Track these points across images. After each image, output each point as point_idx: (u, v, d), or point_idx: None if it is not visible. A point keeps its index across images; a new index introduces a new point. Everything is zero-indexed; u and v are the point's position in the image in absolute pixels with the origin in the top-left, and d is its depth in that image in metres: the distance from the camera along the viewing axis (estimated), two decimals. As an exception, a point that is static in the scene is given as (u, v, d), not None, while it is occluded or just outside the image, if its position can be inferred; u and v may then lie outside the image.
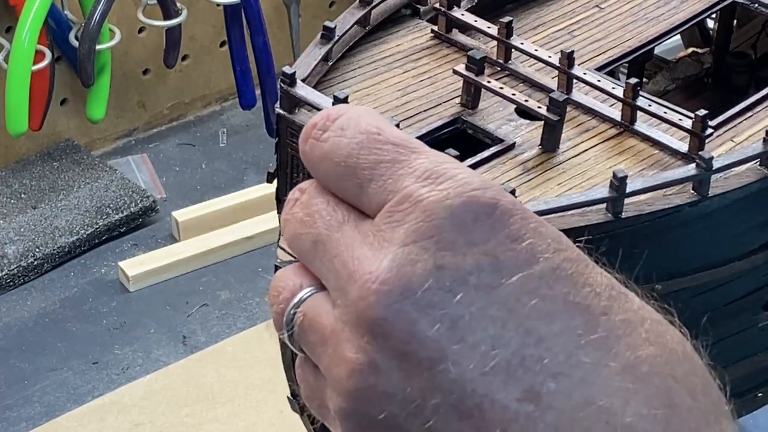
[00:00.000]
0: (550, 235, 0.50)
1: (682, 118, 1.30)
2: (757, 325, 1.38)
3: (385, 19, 1.45)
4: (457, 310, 0.48)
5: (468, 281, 0.48)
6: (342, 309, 0.50)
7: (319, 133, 0.52)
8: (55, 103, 2.09)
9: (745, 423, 1.63)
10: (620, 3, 1.56)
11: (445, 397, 0.48)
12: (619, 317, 0.49)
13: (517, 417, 0.47)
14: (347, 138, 0.52)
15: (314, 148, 0.52)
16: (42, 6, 1.86)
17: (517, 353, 0.47)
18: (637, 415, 0.47)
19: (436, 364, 0.48)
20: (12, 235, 1.95)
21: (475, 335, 0.48)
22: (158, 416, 1.72)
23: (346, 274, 0.50)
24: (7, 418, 1.72)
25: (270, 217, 1.97)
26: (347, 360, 0.49)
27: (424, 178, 0.50)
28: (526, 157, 1.28)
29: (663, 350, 0.49)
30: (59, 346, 1.83)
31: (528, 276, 0.48)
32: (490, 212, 0.49)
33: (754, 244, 1.31)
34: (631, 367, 0.48)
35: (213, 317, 1.88)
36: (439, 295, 0.48)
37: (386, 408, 0.48)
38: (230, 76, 2.14)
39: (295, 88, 1.26)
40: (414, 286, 0.48)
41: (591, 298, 0.49)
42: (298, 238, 0.52)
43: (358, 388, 0.49)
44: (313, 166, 0.53)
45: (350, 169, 0.51)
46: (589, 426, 0.47)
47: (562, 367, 0.47)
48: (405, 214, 0.49)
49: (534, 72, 1.39)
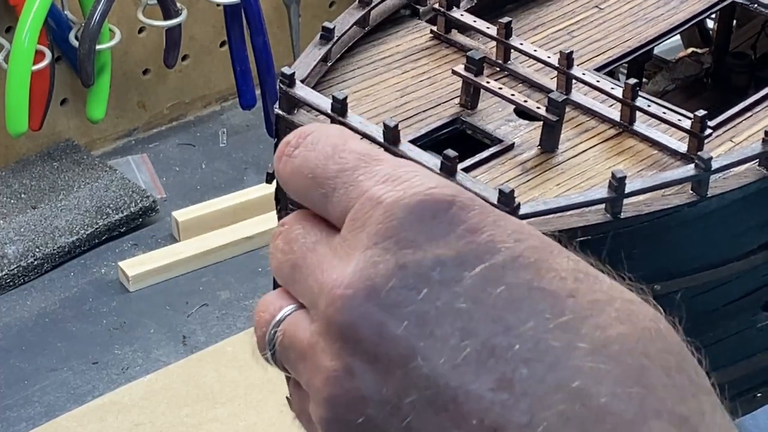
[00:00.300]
0: (510, 227, 0.50)
1: (682, 119, 1.30)
2: (756, 326, 1.38)
3: (384, 19, 1.45)
4: (423, 307, 0.48)
5: (431, 277, 0.49)
6: (316, 322, 0.51)
7: (291, 150, 0.54)
8: (55, 103, 2.09)
9: (745, 423, 1.63)
10: (620, 3, 1.56)
11: (420, 394, 0.48)
12: (587, 298, 0.49)
13: (492, 406, 0.47)
14: (315, 152, 0.53)
15: (286, 164, 0.54)
16: (42, 6, 1.86)
17: (487, 343, 0.48)
18: (611, 395, 0.47)
19: (407, 362, 0.48)
20: (12, 235, 1.95)
21: (443, 329, 0.48)
22: (158, 416, 1.72)
23: (317, 287, 0.51)
24: (7, 418, 1.72)
25: (270, 217, 1.97)
26: (324, 368, 0.50)
27: (382, 182, 0.51)
28: (525, 157, 1.28)
29: (634, 329, 0.49)
30: (59, 346, 1.83)
31: (490, 266, 0.49)
32: (448, 208, 0.50)
33: (753, 244, 1.31)
34: (602, 347, 0.48)
35: (213, 317, 1.89)
36: (404, 294, 0.49)
37: (364, 411, 0.49)
38: (230, 76, 2.14)
39: (294, 88, 1.26)
40: (378, 287, 0.49)
41: (556, 282, 0.49)
42: (280, 266, 0.54)
43: (335, 394, 0.49)
44: (286, 183, 0.54)
45: (317, 180, 0.53)
46: (564, 409, 0.47)
47: (532, 353, 0.48)
48: (365, 219, 0.50)
49: (533, 72, 1.39)
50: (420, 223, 0.50)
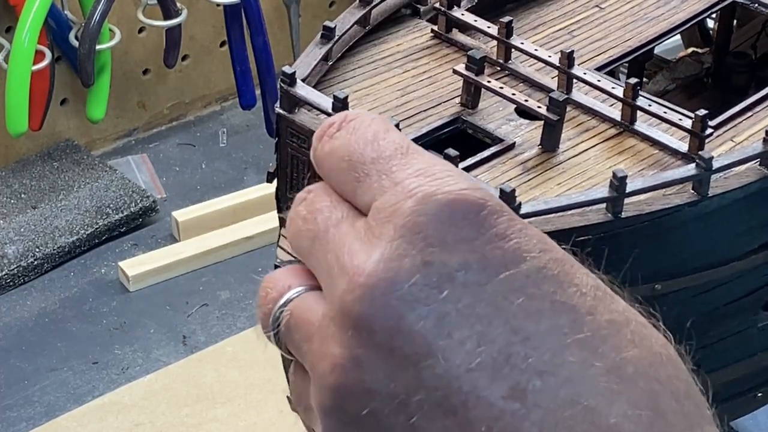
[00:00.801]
0: (535, 236, 0.50)
1: (682, 118, 1.30)
2: (757, 325, 1.38)
3: (385, 18, 1.45)
4: (444, 307, 0.48)
5: (455, 278, 0.48)
6: (329, 305, 0.50)
7: (333, 131, 0.53)
8: (55, 103, 2.09)
9: (745, 423, 1.63)
10: (620, 3, 1.56)
11: (429, 394, 0.47)
12: (605, 318, 0.49)
13: (502, 415, 0.47)
14: (356, 136, 0.53)
15: (325, 144, 0.53)
16: (42, 6, 1.86)
17: (504, 350, 0.47)
18: (622, 416, 0.47)
19: (421, 360, 0.47)
20: (12, 235, 1.95)
21: (462, 331, 0.48)
22: (158, 416, 1.72)
23: (337, 268, 0.50)
24: (7, 418, 1.72)
25: (270, 217, 1.97)
26: (331, 355, 0.49)
27: (416, 175, 0.50)
28: (526, 156, 1.28)
29: (648, 353, 0.49)
30: (59, 346, 1.83)
31: (515, 274, 0.49)
32: (478, 210, 0.49)
33: (753, 243, 1.31)
34: (617, 368, 0.48)
35: (213, 317, 1.88)
36: (426, 291, 0.48)
37: (369, 404, 0.48)
38: (230, 76, 2.14)
39: (295, 87, 1.26)
40: (401, 280, 0.48)
41: (577, 297, 0.49)
42: (299, 234, 0.53)
43: (341, 383, 0.49)
44: (321, 162, 0.53)
45: (351, 164, 0.52)
46: (574, 425, 0.46)
47: (547, 366, 0.47)
48: (395, 209, 0.49)
49: (534, 72, 1.39)
50: (450, 222, 0.49)
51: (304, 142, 1.26)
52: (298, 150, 1.27)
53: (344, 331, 0.49)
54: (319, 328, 0.50)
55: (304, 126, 1.26)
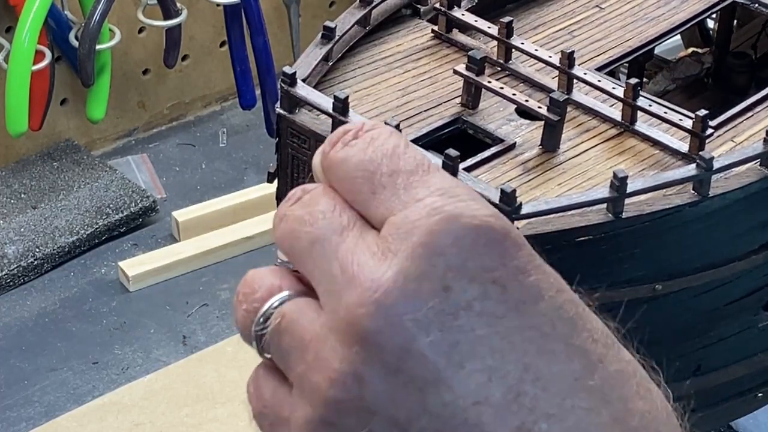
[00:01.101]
0: (552, 275, 0.49)
1: (683, 118, 1.30)
2: (757, 325, 1.38)
3: (385, 19, 1.45)
4: (458, 335, 0.46)
5: (473, 306, 0.47)
6: (331, 315, 0.48)
7: (349, 139, 0.51)
8: (55, 103, 2.09)
9: (745, 423, 1.63)
10: (620, 3, 1.56)
11: (431, 422, 0.46)
12: (614, 367, 0.48)
13: None
14: (373, 147, 0.51)
15: (339, 150, 0.51)
16: (42, 6, 1.86)
17: (514, 388, 0.46)
18: None
19: (428, 386, 0.46)
20: (12, 235, 1.95)
21: (474, 363, 0.46)
22: (158, 416, 1.72)
23: (344, 278, 0.48)
24: (7, 418, 1.72)
25: (270, 217, 1.96)
26: (330, 369, 0.47)
27: (439, 194, 0.49)
28: (527, 157, 1.28)
29: (651, 406, 0.49)
30: (59, 346, 1.83)
31: (533, 312, 0.47)
32: (502, 240, 0.48)
33: (754, 244, 1.31)
34: (622, 419, 0.47)
35: (213, 317, 1.88)
36: (442, 316, 0.47)
37: (365, 425, 0.47)
38: (230, 76, 2.14)
39: (295, 88, 1.26)
40: (418, 302, 0.47)
41: (589, 343, 0.48)
42: (294, 235, 0.51)
43: (338, 398, 0.47)
44: (332, 168, 0.51)
45: (368, 174, 0.50)
46: None
47: (556, 410, 0.46)
48: (414, 226, 0.48)
49: (534, 72, 1.39)
50: (472, 248, 0.47)
51: (304, 142, 1.26)
52: (299, 150, 1.27)
53: (348, 345, 0.47)
54: (316, 337, 0.48)
55: (305, 126, 1.26)
